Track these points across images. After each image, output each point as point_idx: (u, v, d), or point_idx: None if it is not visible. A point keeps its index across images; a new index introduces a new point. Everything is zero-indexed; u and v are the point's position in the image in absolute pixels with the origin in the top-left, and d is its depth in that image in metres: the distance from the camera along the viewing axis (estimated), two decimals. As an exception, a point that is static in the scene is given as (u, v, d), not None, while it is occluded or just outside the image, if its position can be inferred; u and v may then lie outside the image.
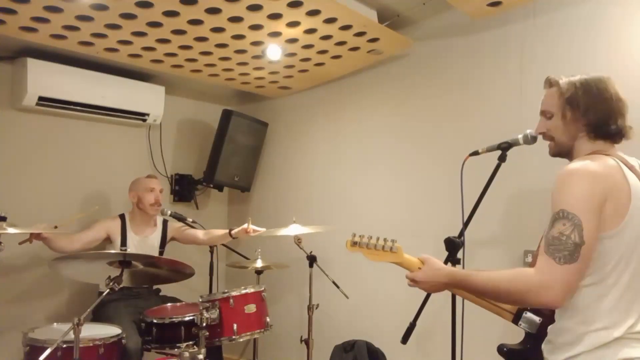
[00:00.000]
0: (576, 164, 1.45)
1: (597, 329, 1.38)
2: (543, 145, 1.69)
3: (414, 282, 1.64)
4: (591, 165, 1.43)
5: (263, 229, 3.20)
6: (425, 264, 1.64)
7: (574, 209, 1.36)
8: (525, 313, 1.74)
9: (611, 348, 1.37)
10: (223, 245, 3.42)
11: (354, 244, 1.70)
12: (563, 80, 1.59)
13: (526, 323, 1.72)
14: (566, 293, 1.35)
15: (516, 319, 1.75)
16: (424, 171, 3.28)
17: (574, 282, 1.36)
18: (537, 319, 1.71)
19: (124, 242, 3.22)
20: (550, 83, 1.63)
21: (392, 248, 1.69)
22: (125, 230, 3.28)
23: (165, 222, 3.49)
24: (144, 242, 3.32)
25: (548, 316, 1.63)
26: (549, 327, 1.53)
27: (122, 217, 3.33)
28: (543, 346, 1.54)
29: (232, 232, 3.25)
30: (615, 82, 1.56)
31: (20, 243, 2.77)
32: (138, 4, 2.50)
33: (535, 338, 1.64)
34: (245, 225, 3.18)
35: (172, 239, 3.48)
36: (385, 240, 1.70)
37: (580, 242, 1.34)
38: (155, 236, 3.40)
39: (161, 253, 3.38)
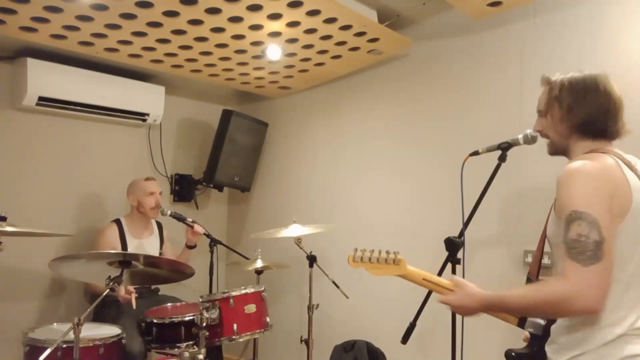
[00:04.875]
0: (576, 164, 1.43)
1: (601, 327, 1.37)
2: (543, 145, 1.69)
3: (447, 304, 1.62)
4: (591, 164, 1.41)
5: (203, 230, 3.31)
6: (458, 287, 1.60)
7: (586, 207, 1.33)
8: None
9: (615, 345, 1.36)
10: (223, 245, 3.42)
11: (356, 259, 1.67)
12: (554, 78, 1.58)
13: (532, 326, 1.71)
14: (601, 295, 1.30)
15: (521, 322, 1.74)
16: (424, 171, 3.28)
17: (605, 281, 1.31)
18: (541, 320, 1.70)
19: (124, 248, 3.21)
20: (543, 81, 1.63)
21: (394, 260, 1.65)
22: (124, 236, 3.27)
23: (160, 226, 3.51)
24: (143, 245, 3.32)
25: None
26: (552, 327, 1.53)
27: (117, 222, 3.31)
28: (547, 346, 1.53)
29: (186, 243, 3.37)
30: (612, 80, 1.53)
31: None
32: (138, 4, 2.50)
33: (541, 340, 1.63)
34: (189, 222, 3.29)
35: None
36: (387, 252, 1.66)
37: (601, 240, 1.30)
38: (154, 239, 3.43)
39: (160, 255, 3.37)
